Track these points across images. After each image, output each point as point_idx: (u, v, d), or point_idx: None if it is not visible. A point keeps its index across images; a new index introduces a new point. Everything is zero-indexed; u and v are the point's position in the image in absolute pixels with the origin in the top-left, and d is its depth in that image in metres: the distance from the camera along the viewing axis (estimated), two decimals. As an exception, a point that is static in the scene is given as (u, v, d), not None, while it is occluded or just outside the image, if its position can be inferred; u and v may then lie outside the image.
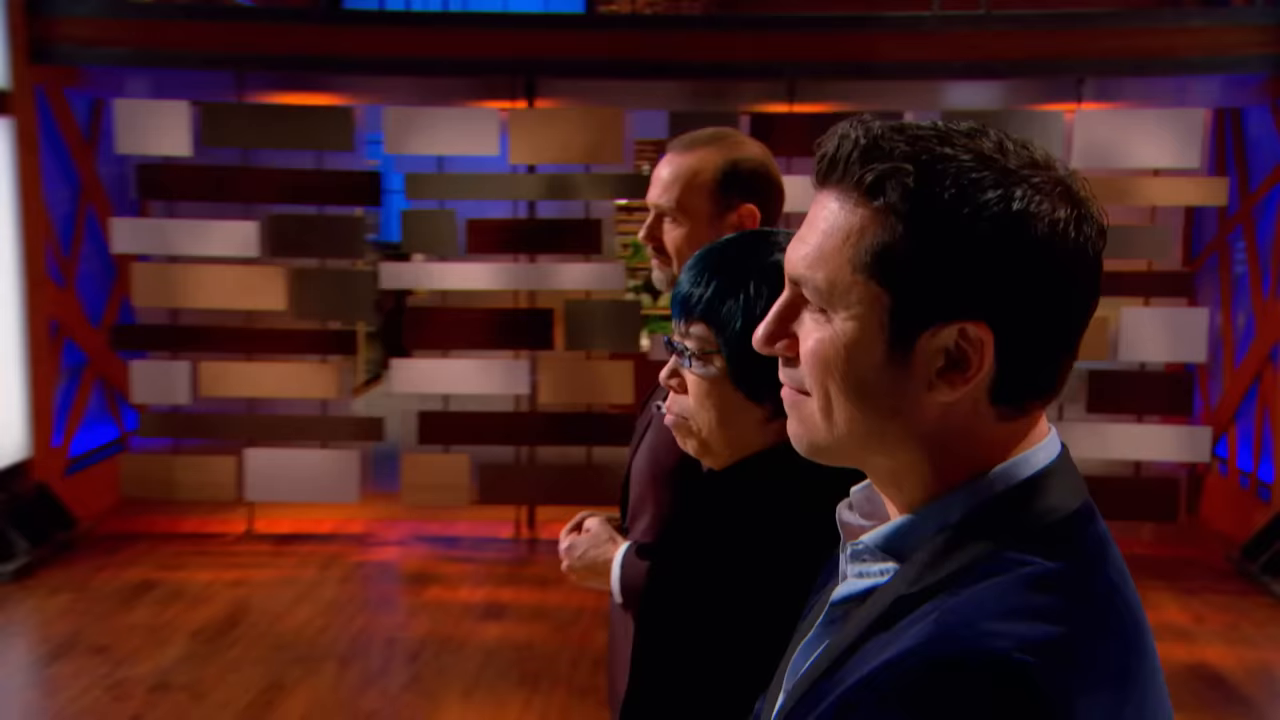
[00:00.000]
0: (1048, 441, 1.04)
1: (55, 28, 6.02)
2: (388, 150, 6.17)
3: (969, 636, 0.92)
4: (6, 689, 4.62)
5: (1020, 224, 0.95)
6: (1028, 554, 0.97)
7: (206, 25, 6.25)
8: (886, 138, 0.98)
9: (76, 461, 6.54)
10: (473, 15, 6.80)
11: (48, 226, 6.21)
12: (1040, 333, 0.98)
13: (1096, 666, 0.96)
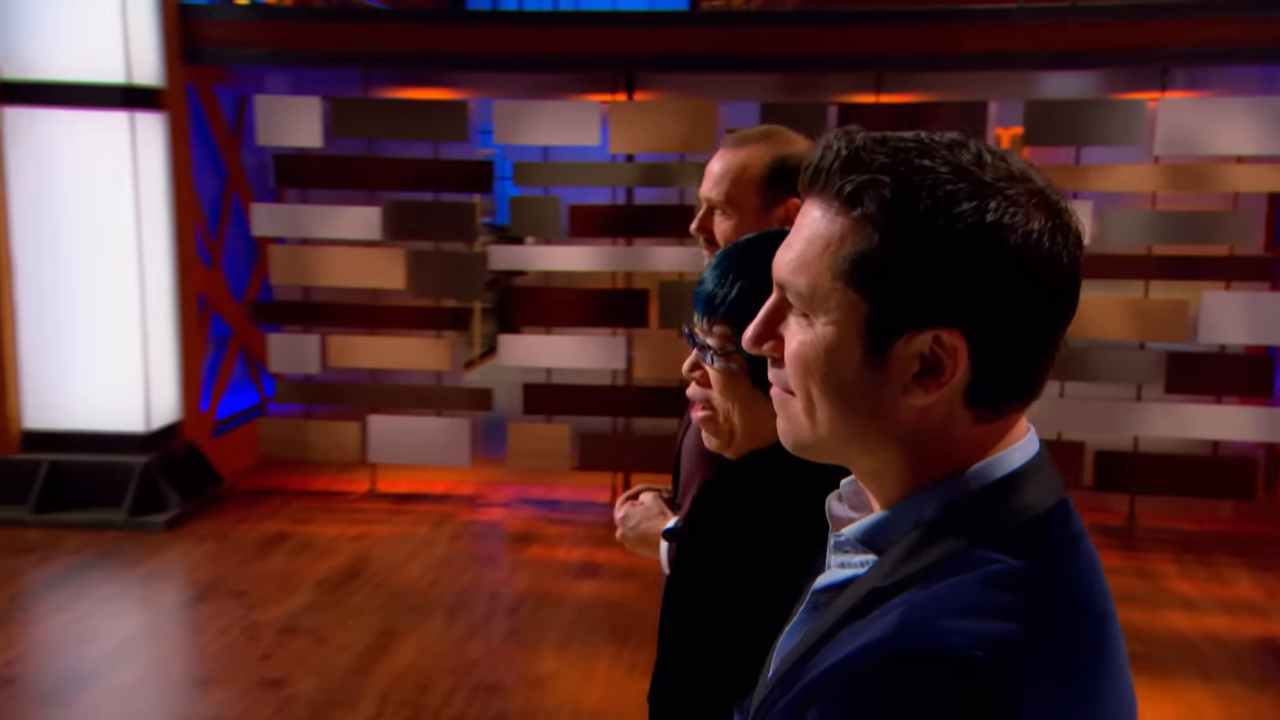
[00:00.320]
0: (1025, 442, 1.02)
1: (204, 31, 6.28)
2: (497, 141, 6.31)
3: (929, 631, 0.92)
4: (159, 626, 4.92)
5: (994, 235, 0.93)
6: (995, 552, 0.96)
7: (337, 26, 6.51)
8: (867, 149, 0.97)
9: (222, 424, 6.89)
10: (578, 14, 6.92)
11: (197, 211, 6.55)
12: (1014, 339, 0.97)
13: (1051, 663, 0.94)
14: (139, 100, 6.02)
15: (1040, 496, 1.00)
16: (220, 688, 4.22)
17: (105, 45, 5.92)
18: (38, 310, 6.10)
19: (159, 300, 6.21)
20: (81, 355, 6.16)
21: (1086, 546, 1.03)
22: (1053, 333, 0.98)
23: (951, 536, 0.97)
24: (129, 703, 4.11)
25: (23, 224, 6.02)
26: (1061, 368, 4.98)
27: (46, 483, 5.97)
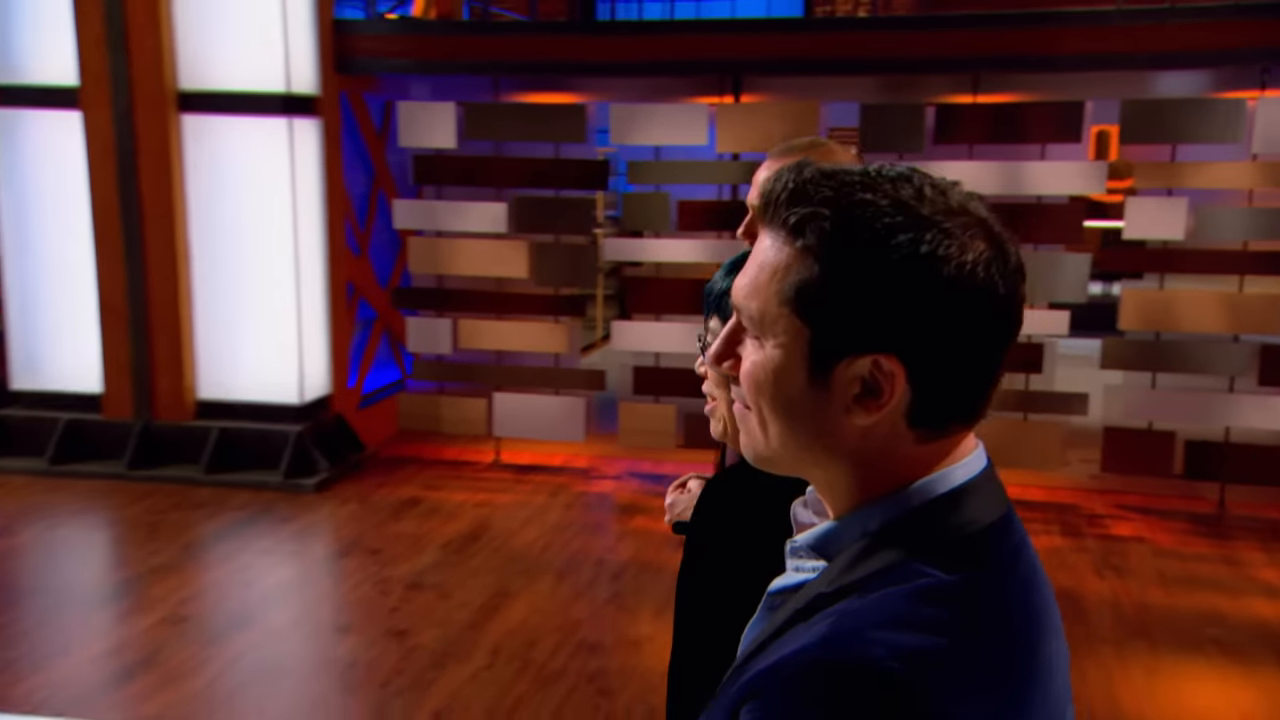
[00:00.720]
0: (970, 459, 1.01)
1: (355, 43, 6.55)
2: (613, 141, 6.44)
3: (853, 641, 0.90)
4: (307, 576, 5.26)
5: (928, 266, 0.92)
6: (930, 566, 0.94)
7: (471, 38, 6.74)
8: (813, 183, 0.96)
9: (366, 398, 7.21)
10: (689, 23, 7.01)
11: (347, 206, 6.87)
12: (951, 364, 0.95)
13: (973, 677, 0.92)
14: (297, 107, 6.34)
15: (982, 512, 0.99)
16: (356, 634, 4.51)
17: (268, 59, 6.24)
18: (210, 295, 6.49)
19: (312, 286, 6.53)
20: (246, 335, 6.53)
21: (1027, 559, 1.02)
22: (991, 357, 0.97)
23: (892, 549, 0.96)
24: (280, 644, 4.43)
25: (198, 218, 6.42)
26: (1155, 359, 4.95)
27: (216, 447, 6.37)
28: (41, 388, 6.71)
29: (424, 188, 6.89)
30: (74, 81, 6.35)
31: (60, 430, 6.49)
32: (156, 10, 6.15)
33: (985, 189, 6.02)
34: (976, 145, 6.09)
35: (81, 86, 6.33)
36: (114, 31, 6.20)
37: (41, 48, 6.43)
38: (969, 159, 6.12)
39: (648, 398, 6.60)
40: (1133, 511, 6.12)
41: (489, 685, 4.06)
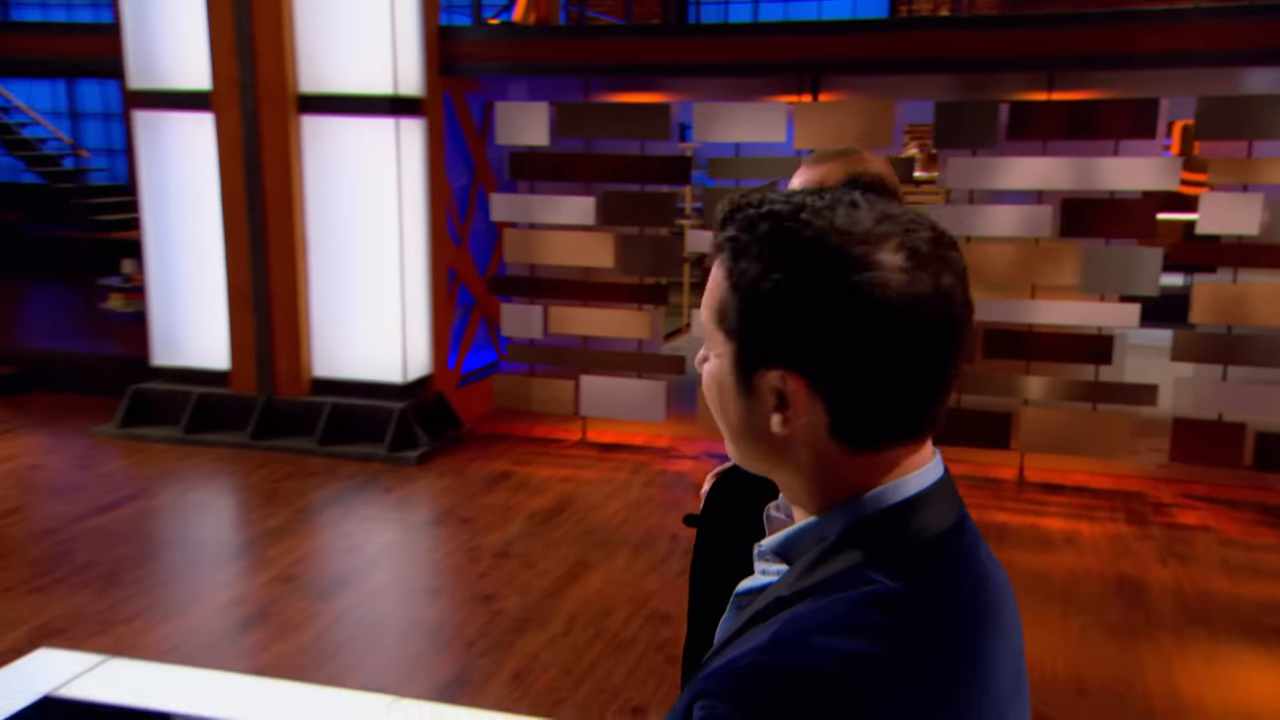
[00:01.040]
0: (924, 470, 0.99)
1: (458, 48, 6.72)
2: (695, 139, 6.48)
3: (794, 646, 0.89)
4: (404, 542, 5.44)
5: (826, 288, 0.90)
6: (878, 573, 0.93)
7: (563, 42, 6.88)
8: (743, 209, 0.96)
9: (464, 378, 7.40)
10: (769, 25, 7.02)
11: (448, 199, 7.06)
12: (865, 383, 0.92)
13: (907, 682, 0.90)
14: (403, 108, 6.54)
15: (934, 520, 0.98)
16: (446, 597, 4.72)
17: (378, 64, 6.45)
18: (324, 282, 6.76)
19: (416, 274, 6.73)
20: (356, 319, 6.78)
21: (977, 564, 1.00)
22: (914, 377, 0.93)
23: (846, 555, 0.95)
24: (378, 604, 4.64)
25: (314, 211, 6.68)
26: (1226, 352, 4.86)
27: (328, 421, 6.65)
28: (178, 364, 7.09)
29: (519, 182, 7.01)
30: (207, 86, 6.67)
31: (193, 403, 6.87)
32: (279, 21, 6.42)
33: (1058, 184, 5.96)
34: (1051, 141, 6.00)
35: (213, 91, 6.64)
36: (242, 41, 6.49)
37: (179, 57, 6.75)
38: (1043, 154, 6.04)
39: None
40: (1200, 501, 6.00)
41: (565, 650, 4.19)
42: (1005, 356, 6.27)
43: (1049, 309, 6.16)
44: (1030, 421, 6.23)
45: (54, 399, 7.88)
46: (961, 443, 6.32)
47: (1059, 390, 6.27)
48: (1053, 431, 6.21)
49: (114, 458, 6.54)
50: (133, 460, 6.50)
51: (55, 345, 8.96)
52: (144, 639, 4.21)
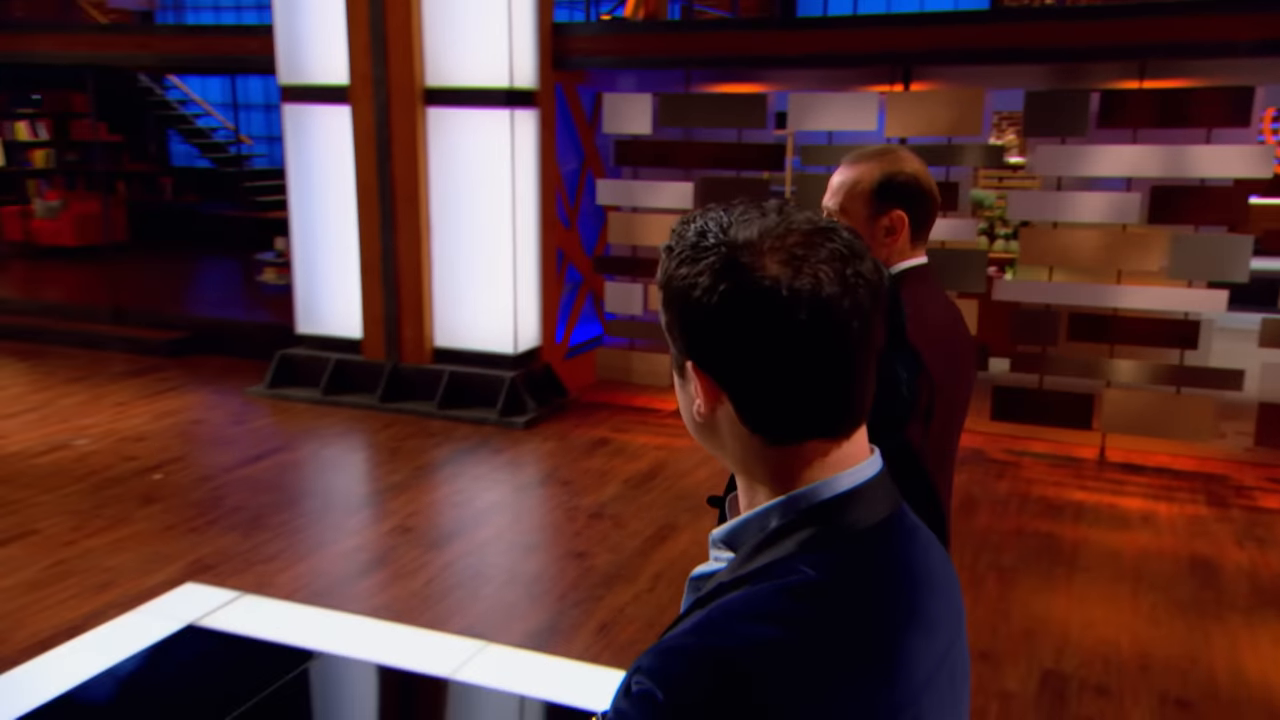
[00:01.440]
0: (858, 468, 0.98)
1: (570, 43, 6.80)
2: (790, 128, 6.43)
3: (716, 630, 0.89)
4: (508, 500, 5.59)
5: (712, 290, 0.91)
6: (804, 564, 0.92)
7: (667, 36, 6.88)
8: (686, 223, 0.97)
9: (571, 350, 7.53)
10: (862, 17, 6.89)
11: (559, 184, 7.22)
12: (751, 378, 0.93)
13: (815, 671, 0.89)
14: (518, 100, 6.67)
15: (865, 516, 0.97)
16: (543, 552, 4.88)
17: (495, 59, 6.60)
18: (445, 260, 6.97)
19: (527, 253, 6.88)
20: (473, 294, 6.97)
21: (902, 561, 0.98)
22: (805, 373, 0.92)
23: (780, 546, 0.95)
24: (482, 556, 4.81)
25: (437, 195, 6.89)
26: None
27: (447, 387, 6.87)
28: (318, 333, 7.45)
29: (623, 168, 7.08)
30: (345, 81, 6.94)
31: (330, 368, 7.21)
32: (409, 21, 6.63)
33: (1148, 171, 5.73)
34: (1141, 130, 5.76)
35: (351, 86, 6.91)
36: (376, 41, 6.72)
37: (322, 56, 7.04)
38: (1133, 143, 5.80)
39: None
40: (1284, 486, 5.74)
41: (649, 605, 4.28)
42: (1089, 340, 6.08)
43: (1135, 294, 5.94)
44: (1113, 403, 6.04)
45: (217, 361, 8.35)
46: (1043, 422, 6.17)
47: (1143, 373, 6.05)
48: (1136, 413, 6.00)
49: (263, 415, 6.92)
50: (278, 418, 6.87)
51: (219, 313, 9.52)
52: (279, 577, 4.48)
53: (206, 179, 14.86)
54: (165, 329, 8.78)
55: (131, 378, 7.78)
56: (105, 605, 4.17)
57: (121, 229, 13.01)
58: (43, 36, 8.85)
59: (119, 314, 9.06)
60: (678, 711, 0.85)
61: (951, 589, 1.04)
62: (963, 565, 4.79)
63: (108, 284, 9.58)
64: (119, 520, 5.06)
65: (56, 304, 9.65)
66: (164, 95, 14.21)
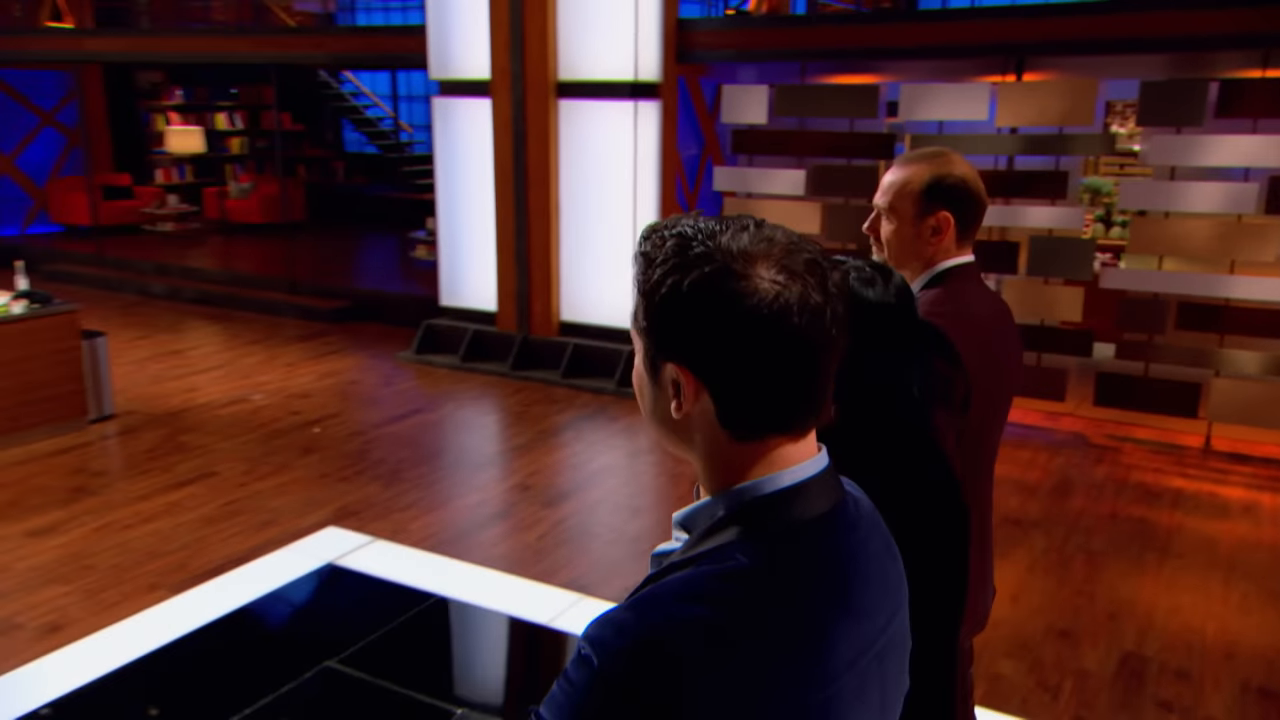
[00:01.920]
0: (802, 466, 0.97)
1: (693, 38, 6.79)
2: (900, 117, 6.24)
3: (650, 606, 0.90)
4: (622, 463, 5.67)
5: (705, 296, 0.91)
6: (740, 552, 0.93)
7: (784, 30, 6.77)
8: (658, 230, 0.97)
9: None
10: (976, 9, 6.53)
11: (679, 170, 7.25)
12: (737, 378, 0.93)
13: (732, 652, 0.88)
14: (642, 92, 6.72)
15: (804, 510, 0.96)
16: (646, 515, 4.94)
17: (621, 54, 6.66)
18: (572, 240, 7.09)
19: None
20: (596, 272, 7.08)
21: (836, 552, 0.97)
22: (786, 378, 0.93)
23: (723, 533, 0.95)
24: (592, 515, 4.92)
25: (566, 180, 7.02)
26: None
27: (571, 358, 7.02)
28: (459, 305, 7.72)
29: (739, 156, 7.02)
30: (487, 76, 7.13)
31: (468, 337, 7.47)
32: (545, 21, 6.74)
33: (1267, 162, 5.31)
34: (1262, 119, 5.33)
35: (492, 80, 7.09)
36: (515, 39, 6.87)
37: (467, 53, 7.24)
38: (1252, 133, 5.38)
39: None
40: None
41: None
42: (1198, 329, 5.71)
43: (1249, 284, 5.53)
44: (1221, 392, 5.66)
45: (374, 328, 8.74)
46: (1148, 409, 5.85)
47: (1255, 364, 5.65)
48: (1245, 403, 5.61)
49: (409, 378, 7.24)
50: (422, 381, 7.17)
51: (377, 285, 9.96)
52: (412, 525, 4.71)
53: (373, 163, 15.50)
54: (331, 298, 9.26)
55: (301, 341, 8.26)
56: (266, 541, 4.48)
57: (300, 208, 13.74)
58: (237, 39, 9.42)
59: (293, 285, 9.60)
60: (607, 680, 0.87)
61: (888, 578, 1.02)
62: (1050, 546, 4.62)
63: (286, 257, 10.14)
64: (282, 467, 5.41)
65: (243, 274, 10.28)
66: (339, 88, 14.86)
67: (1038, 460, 5.68)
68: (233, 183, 13.81)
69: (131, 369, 7.22)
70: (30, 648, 3.59)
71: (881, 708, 1.02)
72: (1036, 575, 4.37)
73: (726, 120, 6.78)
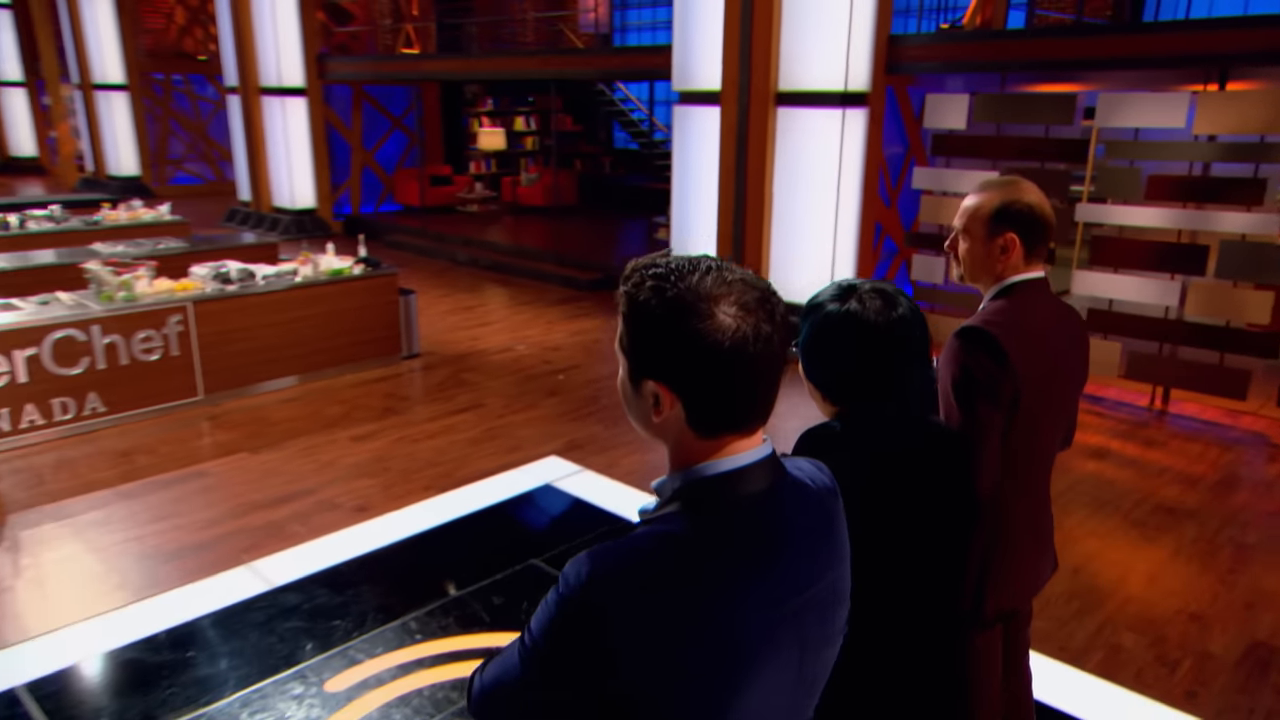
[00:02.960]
0: (746, 454, 1.01)
1: (903, 52, 6.61)
2: (1097, 124, 5.71)
3: (603, 555, 0.94)
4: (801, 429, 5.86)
5: (677, 329, 0.95)
6: (679, 522, 0.97)
7: (988, 44, 6.41)
8: (639, 270, 1.00)
9: None
10: (1183, 22, 5.83)
11: (882, 170, 7.07)
12: (703, 393, 0.97)
13: (652, 605, 0.91)
14: (850, 101, 6.59)
15: (740, 489, 0.99)
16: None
17: (834, 67, 6.56)
18: (781, 230, 7.09)
19: (847, 228, 6.82)
20: (800, 259, 7.05)
21: (764, 525, 0.99)
22: (742, 391, 0.97)
23: (672, 504, 1.00)
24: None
25: (779, 176, 7.01)
26: None
27: None
28: (686, 281, 7.99)
29: (938, 158, 6.78)
30: (717, 87, 7.25)
31: (691, 309, 7.71)
32: (770, 39, 6.77)
33: None
34: None
35: (721, 90, 7.19)
36: (744, 55, 6.93)
37: (703, 67, 7.38)
38: None
39: (1098, 334, 5.98)
40: None
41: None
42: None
43: None
44: None
45: None
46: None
47: None
48: None
49: None
50: None
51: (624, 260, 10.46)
52: (622, 461, 4.98)
53: (633, 158, 16.15)
54: (588, 270, 9.87)
55: (560, 304, 8.90)
56: (510, 462, 4.97)
57: (572, 194, 14.63)
58: (532, 59, 10.20)
59: (560, 258, 10.33)
60: (563, 608, 0.95)
61: (815, 548, 1.04)
62: (1201, 536, 4.26)
63: (556, 235, 10.89)
64: (531, 405, 5.94)
65: (525, 248, 11.10)
66: (611, 95, 15.58)
67: (1208, 454, 5.17)
68: (523, 173, 14.93)
69: (434, 319, 8.12)
70: (345, 521, 4.26)
71: (800, 661, 1.04)
72: (1179, 562, 4.06)
73: (928, 126, 6.54)
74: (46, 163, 19.06)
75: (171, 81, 16.68)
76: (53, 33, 17.51)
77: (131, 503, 4.47)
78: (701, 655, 0.93)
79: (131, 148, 16.12)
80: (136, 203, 9.61)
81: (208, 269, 6.09)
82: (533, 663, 0.98)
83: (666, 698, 0.93)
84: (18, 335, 5.02)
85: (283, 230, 12.15)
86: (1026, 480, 1.92)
